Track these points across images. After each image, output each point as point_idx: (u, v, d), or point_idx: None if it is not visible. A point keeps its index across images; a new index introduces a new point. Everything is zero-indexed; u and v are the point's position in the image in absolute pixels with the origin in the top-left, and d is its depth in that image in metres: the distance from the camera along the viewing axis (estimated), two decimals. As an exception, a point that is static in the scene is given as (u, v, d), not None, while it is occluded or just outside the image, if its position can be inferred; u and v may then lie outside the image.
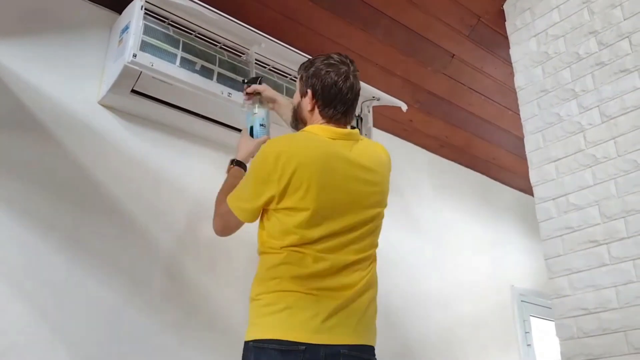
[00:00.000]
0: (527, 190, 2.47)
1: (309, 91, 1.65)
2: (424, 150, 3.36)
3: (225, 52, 2.19)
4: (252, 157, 1.70)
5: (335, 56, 1.67)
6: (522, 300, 3.51)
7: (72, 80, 2.03)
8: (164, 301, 1.98)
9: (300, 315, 1.44)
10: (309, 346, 1.40)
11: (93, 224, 1.91)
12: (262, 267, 1.55)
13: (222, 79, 2.13)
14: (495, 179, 3.79)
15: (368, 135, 2.60)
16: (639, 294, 1.94)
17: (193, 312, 2.04)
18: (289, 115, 1.80)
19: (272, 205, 1.53)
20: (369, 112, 2.65)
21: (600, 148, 2.17)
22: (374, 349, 1.55)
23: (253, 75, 2.16)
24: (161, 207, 2.09)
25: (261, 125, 1.88)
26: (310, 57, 1.79)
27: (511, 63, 2.66)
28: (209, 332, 2.04)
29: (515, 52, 2.64)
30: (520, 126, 2.53)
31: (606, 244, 2.07)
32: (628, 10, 2.22)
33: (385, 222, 2.89)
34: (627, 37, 2.20)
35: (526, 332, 3.43)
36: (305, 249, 1.50)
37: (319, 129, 1.63)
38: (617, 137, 2.13)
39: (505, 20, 2.74)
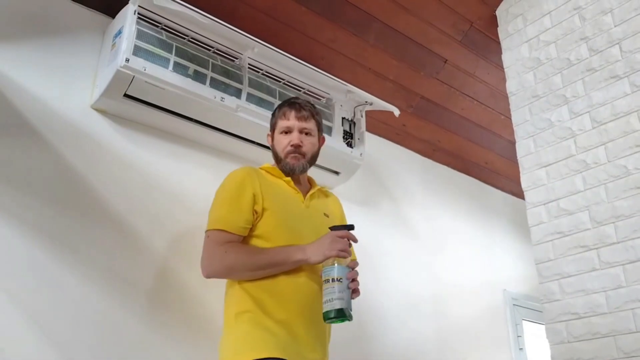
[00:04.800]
0: (520, 194, 2.48)
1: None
2: (416, 155, 3.37)
3: (218, 57, 2.20)
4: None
5: None
6: (514, 304, 3.52)
7: (65, 84, 2.03)
8: (159, 306, 1.98)
9: None
10: None
11: (86, 228, 1.91)
12: None
13: (215, 84, 2.14)
14: (488, 183, 3.81)
15: (361, 139, 2.62)
16: (628, 298, 1.95)
17: (188, 318, 2.03)
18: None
19: None
20: (361, 116, 2.66)
21: (591, 153, 2.19)
22: None
23: (247, 82, 2.17)
24: (154, 211, 2.09)
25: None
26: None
27: (503, 68, 2.67)
28: (205, 338, 2.03)
29: (507, 58, 2.66)
30: (512, 130, 2.54)
31: (596, 249, 2.08)
32: (618, 17, 2.23)
33: (378, 226, 2.93)
34: (618, 43, 2.21)
35: (518, 336, 3.44)
36: None
37: None
38: (607, 143, 2.15)
39: (497, 26, 2.76)
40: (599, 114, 2.20)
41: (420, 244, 3.13)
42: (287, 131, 1.82)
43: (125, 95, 2.00)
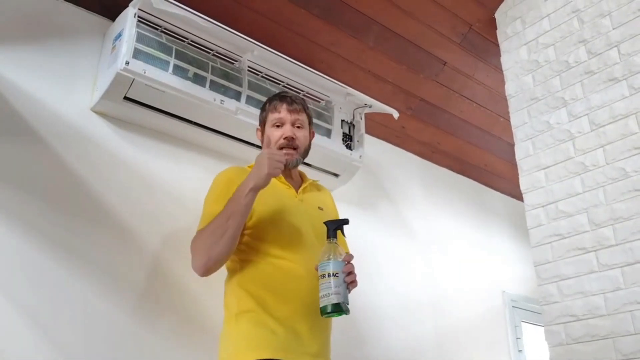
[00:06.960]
0: (519, 196, 2.49)
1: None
2: (415, 157, 3.38)
3: (217, 60, 2.20)
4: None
5: None
6: (513, 306, 3.52)
7: (65, 86, 2.03)
8: (157, 306, 1.98)
9: None
10: None
11: (85, 230, 1.91)
12: None
13: (215, 86, 2.14)
14: (487, 185, 3.81)
15: (360, 142, 2.63)
16: (627, 300, 1.96)
17: (186, 318, 2.04)
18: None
19: None
20: (361, 119, 2.67)
21: (589, 156, 2.19)
22: None
23: (246, 85, 2.18)
24: (154, 214, 2.10)
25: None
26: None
27: (502, 70, 2.68)
28: (203, 337, 2.04)
29: (506, 60, 2.67)
30: (511, 133, 2.55)
31: (595, 251, 2.09)
32: (617, 19, 2.24)
33: (377, 228, 2.94)
34: (616, 46, 2.22)
35: (517, 338, 3.44)
36: None
37: None
38: (606, 145, 2.15)
39: (496, 29, 2.77)
40: (598, 116, 2.21)
41: (419, 245, 3.13)
42: (279, 124, 1.82)
43: (125, 97, 2.00)
